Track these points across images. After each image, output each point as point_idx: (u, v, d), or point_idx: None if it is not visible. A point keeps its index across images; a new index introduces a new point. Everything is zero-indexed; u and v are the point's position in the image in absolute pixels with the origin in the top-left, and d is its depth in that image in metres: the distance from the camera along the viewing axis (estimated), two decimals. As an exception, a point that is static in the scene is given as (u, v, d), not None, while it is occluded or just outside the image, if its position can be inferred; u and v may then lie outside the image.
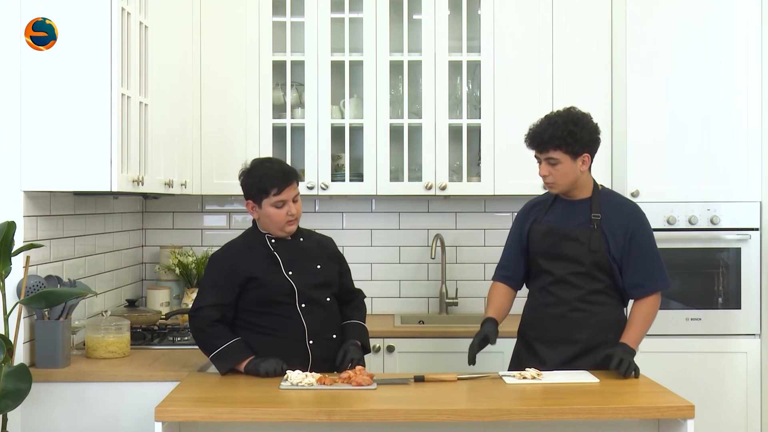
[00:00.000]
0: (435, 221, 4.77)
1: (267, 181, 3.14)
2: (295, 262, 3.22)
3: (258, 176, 3.17)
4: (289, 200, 3.16)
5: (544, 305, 3.27)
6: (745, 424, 4.22)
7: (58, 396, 3.13)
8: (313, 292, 3.21)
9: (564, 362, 3.18)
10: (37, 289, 3.11)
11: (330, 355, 3.19)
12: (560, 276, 3.23)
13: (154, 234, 4.76)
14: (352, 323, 3.33)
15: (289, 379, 2.92)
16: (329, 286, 3.27)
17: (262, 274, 3.17)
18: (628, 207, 3.28)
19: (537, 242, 3.28)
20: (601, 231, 3.18)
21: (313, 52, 4.44)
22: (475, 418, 2.68)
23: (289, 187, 3.16)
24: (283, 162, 3.33)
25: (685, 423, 2.67)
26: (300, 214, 3.23)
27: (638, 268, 3.19)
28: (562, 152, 3.15)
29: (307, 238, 3.32)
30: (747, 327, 4.26)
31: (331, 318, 3.26)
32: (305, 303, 3.18)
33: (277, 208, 3.16)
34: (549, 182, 3.22)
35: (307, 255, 3.26)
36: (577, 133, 3.14)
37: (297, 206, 3.20)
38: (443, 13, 4.47)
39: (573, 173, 3.19)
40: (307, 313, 3.18)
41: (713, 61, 4.26)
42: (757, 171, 4.25)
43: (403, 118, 4.48)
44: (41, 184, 3.18)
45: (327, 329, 3.23)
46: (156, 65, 3.61)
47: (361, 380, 2.89)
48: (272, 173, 3.16)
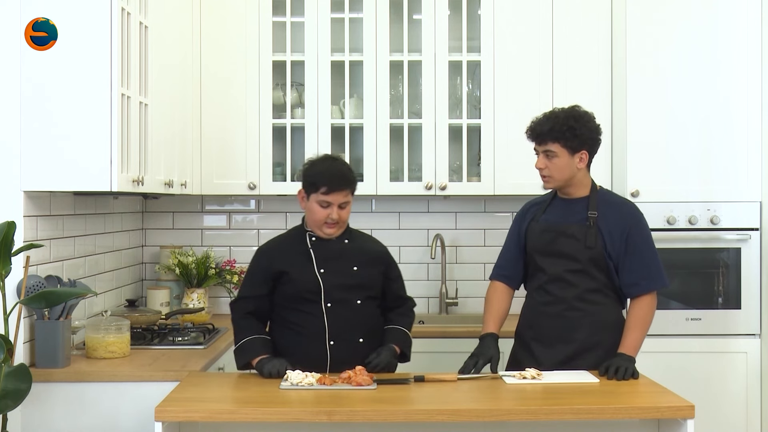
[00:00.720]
0: (435, 221, 4.77)
1: (320, 178, 3.15)
2: (329, 261, 3.21)
3: (316, 170, 3.19)
4: (334, 204, 3.15)
5: (540, 304, 3.27)
6: (745, 424, 4.22)
7: (58, 396, 3.13)
8: (342, 293, 3.19)
9: (561, 362, 3.18)
10: (37, 289, 3.11)
11: (353, 358, 3.10)
12: (556, 274, 3.23)
13: (154, 234, 4.76)
14: (392, 328, 3.29)
15: (289, 379, 2.92)
16: (364, 289, 3.23)
17: (293, 270, 3.19)
18: (626, 206, 3.28)
19: (534, 240, 3.29)
20: (598, 228, 3.19)
21: (313, 52, 4.44)
22: (475, 418, 2.68)
23: (339, 192, 3.14)
24: (348, 167, 3.26)
25: (685, 423, 2.67)
26: (344, 221, 3.21)
27: (635, 267, 3.19)
28: (560, 145, 3.16)
29: (353, 240, 3.29)
30: (747, 327, 4.26)
31: (360, 321, 3.21)
32: (331, 303, 3.18)
33: (322, 207, 3.16)
34: (545, 175, 3.23)
35: (345, 256, 3.23)
36: (577, 129, 3.16)
37: (342, 213, 3.18)
38: (443, 13, 4.47)
39: (569, 169, 3.19)
40: (332, 312, 3.18)
41: (713, 61, 4.26)
42: (757, 171, 4.25)
43: (403, 118, 4.49)
44: (41, 184, 3.17)
45: (352, 331, 3.19)
46: (156, 65, 3.61)
47: (361, 380, 2.89)
48: (330, 173, 3.16)
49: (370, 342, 3.21)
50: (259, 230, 4.75)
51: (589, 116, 3.23)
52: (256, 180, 4.43)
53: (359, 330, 3.20)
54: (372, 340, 3.22)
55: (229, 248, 4.75)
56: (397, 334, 3.27)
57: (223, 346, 3.68)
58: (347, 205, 3.19)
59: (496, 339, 3.25)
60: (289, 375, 2.94)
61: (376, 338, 3.24)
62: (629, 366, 3.05)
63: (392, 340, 3.24)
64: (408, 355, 3.30)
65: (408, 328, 3.32)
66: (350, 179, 3.19)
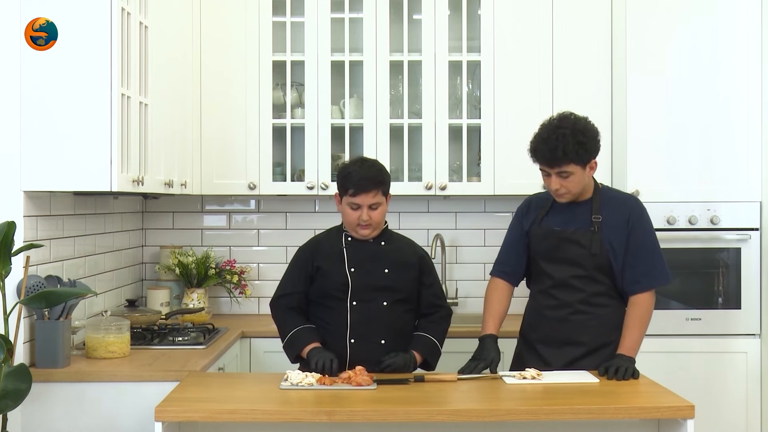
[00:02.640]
0: (435, 221, 4.77)
1: (349, 180, 3.18)
2: (362, 261, 3.24)
3: (346, 172, 3.22)
4: (364, 206, 3.17)
5: (545, 308, 3.26)
6: (745, 424, 4.22)
7: (58, 396, 3.13)
8: (369, 293, 3.21)
9: (569, 363, 3.18)
10: (37, 289, 3.11)
11: (373, 358, 3.13)
12: (561, 279, 3.22)
13: (154, 234, 4.76)
14: (419, 335, 3.28)
15: (289, 379, 2.93)
16: (393, 291, 3.24)
17: (326, 266, 3.25)
18: (628, 201, 3.26)
19: (538, 244, 3.27)
20: (602, 233, 3.18)
21: (313, 52, 4.44)
22: (475, 418, 2.68)
23: (366, 193, 3.16)
24: (378, 168, 3.24)
25: (685, 423, 2.67)
26: (376, 221, 3.21)
27: (636, 264, 3.17)
28: (574, 164, 3.10)
29: (389, 242, 3.30)
30: (747, 327, 4.26)
31: (384, 322, 3.22)
32: (357, 301, 3.21)
33: (352, 209, 3.19)
34: (561, 194, 3.18)
35: (379, 257, 3.26)
36: (587, 143, 3.10)
37: (374, 214, 3.19)
38: (443, 13, 4.47)
39: (583, 181, 3.17)
40: (356, 311, 3.20)
41: (713, 61, 4.26)
42: (757, 171, 4.25)
43: (403, 118, 4.49)
44: (41, 184, 3.17)
45: (375, 333, 3.20)
46: (156, 65, 3.61)
47: (360, 380, 2.89)
48: (358, 175, 3.17)
49: (393, 345, 3.22)
50: (259, 230, 4.75)
51: (589, 123, 3.17)
52: (256, 180, 4.43)
53: (382, 331, 3.21)
54: (396, 343, 3.22)
55: (229, 248, 4.75)
56: (422, 341, 3.27)
57: (223, 346, 3.68)
58: (379, 206, 3.20)
59: (495, 340, 3.24)
60: (289, 375, 2.95)
61: (401, 342, 3.24)
62: (629, 366, 3.04)
63: (415, 347, 3.24)
64: (432, 364, 3.29)
65: (437, 337, 3.30)
66: (378, 181, 3.19)
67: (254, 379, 3.03)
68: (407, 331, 3.28)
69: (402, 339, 3.25)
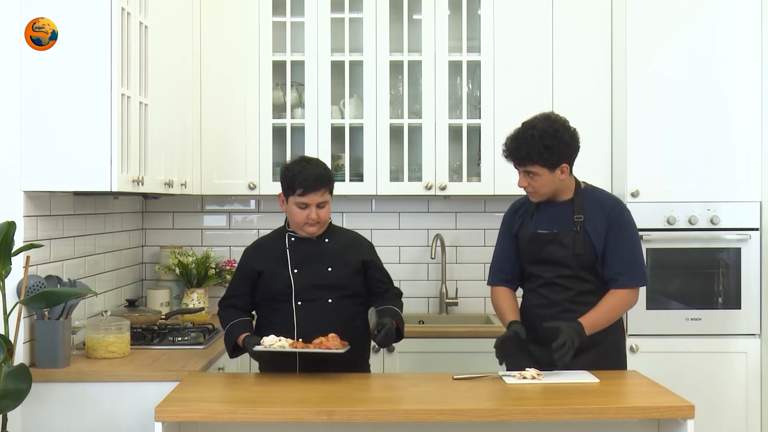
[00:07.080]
0: (435, 221, 4.77)
1: (296, 180, 3.18)
2: (305, 260, 3.25)
3: (291, 173, 3.21)
4: (312, 205, 3.18)
5: (535, 306, 3.28)
6: (744, 424, 4.22)
7: (58, 396, 3.13)
8: (314, 292, 3.22)
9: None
10: (37, 289, 3.11)
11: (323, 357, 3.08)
12: (549, 279, 3.24)
13: (154, 234, 4.76)
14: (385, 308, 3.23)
15: (264, 342, 3.03)
16: (337, 289, 3.25)
17: (268, 270, 3.26)
18: (609, 201, 3.27)
19: (524, 247, 3.30)
20: (585, 232, 3.18)
21: (313, 52, 4.44)
22: (475, 418, 2.68)
23: (314, 192, 3.17)
24: (324, 167, 3.27)
25: (685, 423, 2.67)
26: (324, 219, 3.23)
27: (613, 262, 3.18)
28: (539, 166, 3.13)
29: (334, 239, 3.31)
30: (747, 327, 4.26)
31: (331, 320, 3.21)
32: (301, 301, 3.22)
33: (300, 208, 3.20)
34: (529, 192, 3.23)
35: (322, 256, 3.26)
36: (554, 146, 3.11)
37: (322, 212, 3.21)
38: (443, 13, 4.47)
39: (552, 183, 3.18)
40: (302, 311, 3.22)
41: (713, 61, 4.26)
42: (757, 171, 4.25)
43: (403, 118, 4.49)
44: (41, 184, 3.17)
45: (322, 330, 3.17)
46: (156, 65, 3.61)
47: (331, 345, 2.99)
48: (304, 175, 3.18)
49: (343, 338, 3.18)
50: (259, 230, 4.75)
51: (564, 126, 3.16)
52: (256, 180, 4.43)
53: (330, 328, 3.18)
54: (346, 337, 3.19)
55: (229, 248, 4.75)
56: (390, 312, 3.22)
57: (223, 347, 3.68)
58: (326, 205, 3.23)
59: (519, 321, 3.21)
60: (263, 339, 3.05)
61: (352, 335, 3.20)
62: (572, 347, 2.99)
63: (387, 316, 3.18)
64: (401, 331, 3.26)
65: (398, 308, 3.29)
66: (325, 179, 3.21)
67: (254, 379, 3.03)
68: (358, 323, 3.24)
69: (353, 331, 3.20)
